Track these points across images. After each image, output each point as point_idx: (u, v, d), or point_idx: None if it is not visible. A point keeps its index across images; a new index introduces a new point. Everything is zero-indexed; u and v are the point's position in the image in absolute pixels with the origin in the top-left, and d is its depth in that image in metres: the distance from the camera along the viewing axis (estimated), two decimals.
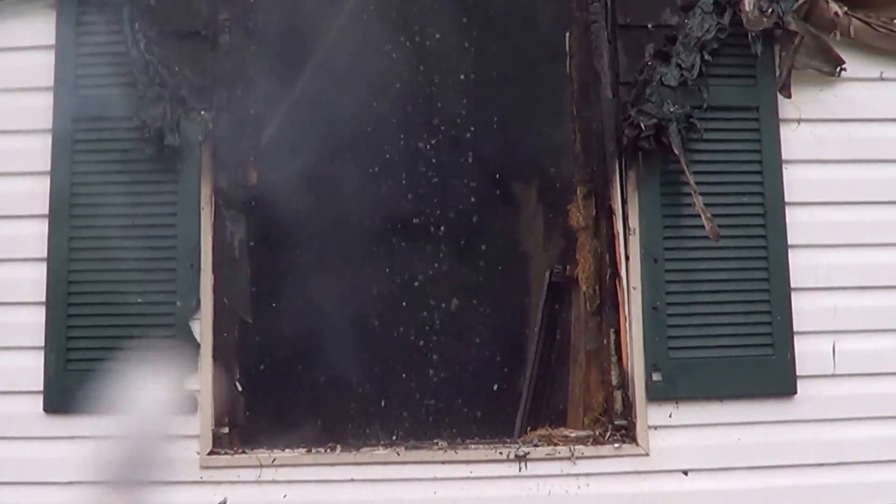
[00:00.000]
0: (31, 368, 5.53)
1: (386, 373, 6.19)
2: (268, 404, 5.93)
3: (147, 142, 5.57)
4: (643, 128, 5.64)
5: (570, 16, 6.12)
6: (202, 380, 5.56)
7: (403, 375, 6.20)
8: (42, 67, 5.71)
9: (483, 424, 6.13)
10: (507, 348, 6.39)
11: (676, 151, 5.64)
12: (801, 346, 5.72)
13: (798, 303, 5.73)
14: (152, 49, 5.63)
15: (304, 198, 6.21)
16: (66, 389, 5.48)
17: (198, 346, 5.54)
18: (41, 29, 5.74)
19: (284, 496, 5.46)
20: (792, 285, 5.73)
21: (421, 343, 6.24)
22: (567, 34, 6.16)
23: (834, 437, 5.67)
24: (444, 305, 6.32)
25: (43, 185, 5.62)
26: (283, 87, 6.19)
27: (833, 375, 5.72)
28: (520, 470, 5.53)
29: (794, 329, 5.73)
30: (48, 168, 5.63)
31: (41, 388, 5.52)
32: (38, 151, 5.65)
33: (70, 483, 5.41)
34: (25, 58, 5.74)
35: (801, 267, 5.76)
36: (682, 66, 5.73)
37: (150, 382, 5.33)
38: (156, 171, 5.60)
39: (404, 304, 6.25)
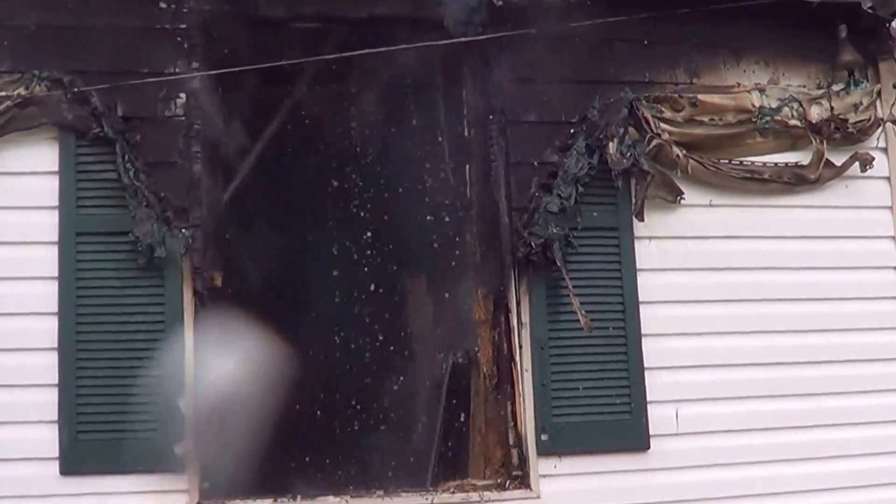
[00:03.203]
0: (48, 439, 6.26)
1: (330, 434, 7.17)
2: (241, 463, 6.68)
3: (140, 254, 6.39)
4: (533, 246, 6.70)
5: (471, 153, 7.18)
6: (189, 444, 6.33)
7: (343, 436, 7.22)
8: (47, 190, 6.46)
9: (404, 474, 7.13)
10: (420, 415, 7.43)
11: (559, 263, 6.70)
12: (653, 411, 6.84)
13: (650, 378, 6.86)
14: (140, 177, 6.44)
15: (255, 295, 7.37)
16: (77, 455, 6.24)
17: (184, 418, 6.35)
18: (45, 157, 6.49)
19: None
20: (645, 365, 6.86)
21: (357, 410, 7.29)
22: (468, 167, 7.21)
23: (678, 481, 6.84)
24: (374, 382, 7.44)
25: (52, 288, 6.36)
26: (244, 205, 7.27)
27: (676, 434, 6.88)
28: None
29: (648, 399, 6.83)
30: (56, 274, 6.37)
31: (56, 454, 6.25)
32: (47, 260, 6.39)
33: None
34: (33, 181, 6.48)
35: (652, 350, 6.89)
36: (562, 196, 6.78)
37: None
38: (146, 277, 6.44)
39: (343, 381, 7.35)
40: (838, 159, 7.33)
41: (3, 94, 6.46)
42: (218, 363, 6.66)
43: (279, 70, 6.93)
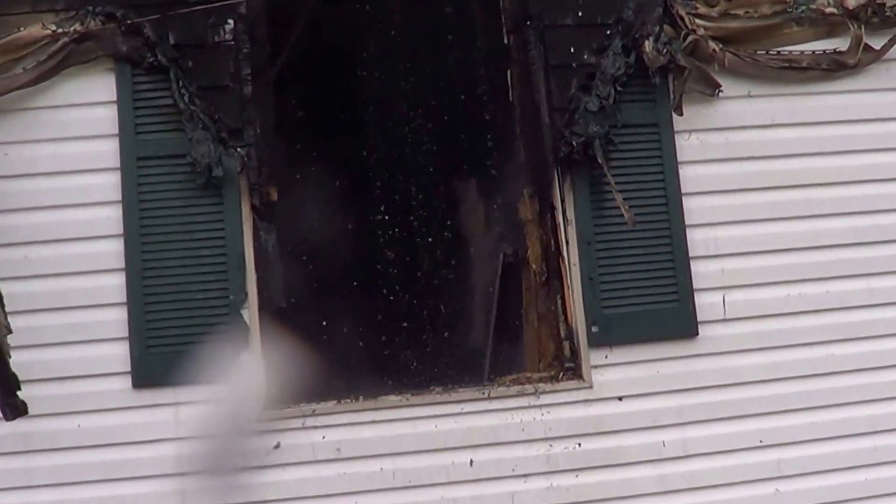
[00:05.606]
0: (120, 354, 6.57)
1: (389, 337, 7.40)
2: (303, 368, 6.77)
3: (198, 174, 6.64)
4: (574, 145, 6.83)
5: (511, 58, 7.34)
6: (253, 353, 6.64)
7: (401, 339, 7.43)
8: (106, 119, 6.71)
9: (459, 371, 7.34)
10: (475, 313, 7.63)
11: (600, 160, 6.83)
12: (700, 299, 6.95)
13: (696, 267, 6.96)
14: (194, 101, 6.67)
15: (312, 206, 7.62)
16: (147, 369, 6.54)
17: (248, 328, 6.67)
18: (103, 88, 6.73)
19: (323, 437, 6.63)
20: (690, 254, 6.95)
21: (413, 310, 7.51)
22: (509, 72, 7.37)
23: (727, 366, 6.94)
24: (428, 283, 7.67)
25: (116, 212, 6.64)
26: (293, 123, 7.50)
27: (724, 320, 6.98)
28: (498, 405, 6.77)
29: (694, 286, 6.94)
30: (119, 198, 6.64)
31: (129, 368, 6.56)
32: (111, 185, 6.66)
33: (153, 441, 6.54)
34: (93, 111, 6.72)
35: (696, 240, 6.98)
36: (601, 95, 6.88)
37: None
38: (205, 196, 6.69)
39: (399, 286, 7.58)
40: (877, 43, 7.29)
41: (60, 31, 6.70)
42: (278, 273, 6.98)
43: None
